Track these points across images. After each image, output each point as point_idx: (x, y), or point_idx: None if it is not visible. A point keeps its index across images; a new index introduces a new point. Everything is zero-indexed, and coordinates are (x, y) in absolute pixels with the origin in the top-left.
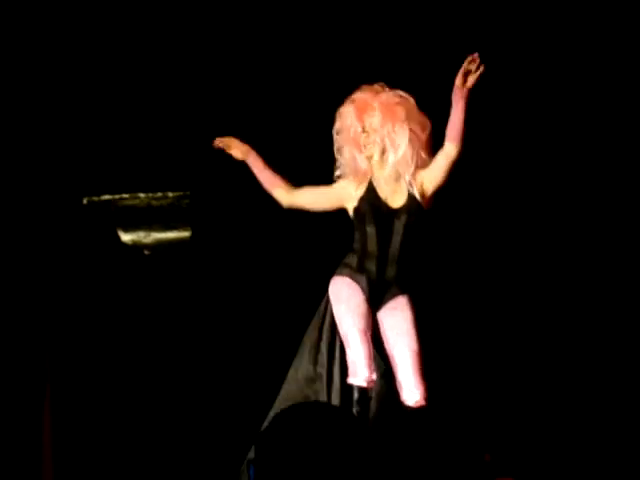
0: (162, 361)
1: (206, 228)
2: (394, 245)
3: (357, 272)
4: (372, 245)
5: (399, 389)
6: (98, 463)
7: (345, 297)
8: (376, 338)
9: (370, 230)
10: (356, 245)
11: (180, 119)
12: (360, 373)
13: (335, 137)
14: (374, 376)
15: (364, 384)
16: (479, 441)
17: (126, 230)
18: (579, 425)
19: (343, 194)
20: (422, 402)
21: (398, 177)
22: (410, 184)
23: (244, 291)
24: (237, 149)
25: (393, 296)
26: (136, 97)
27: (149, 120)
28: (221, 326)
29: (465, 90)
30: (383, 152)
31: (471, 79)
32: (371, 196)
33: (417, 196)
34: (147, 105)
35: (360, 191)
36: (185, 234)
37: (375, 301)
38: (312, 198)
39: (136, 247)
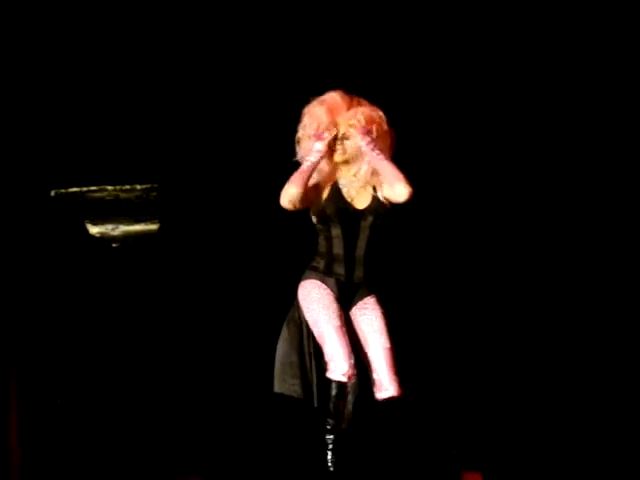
0: (129, 351)
1: (174, 220)
2: (361, 246)
3: (325, 275)
4: (339, 247)
5: (373, 386)
6: (65, 447)
7: (316, 297)
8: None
9: (336, 232)
10: (321, 249)
11: (147, 112)
12: (339, 368)
13: (301, 135)
14: (353, 371)
15: (344, 379)
16: (447, 435)
17: (94, 222)
18: (545, 418)
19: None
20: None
21: (364, 184)
22: (375, 189)
23: (212, 283)
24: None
25: (362, 297)
26: (104, 90)
27: (117, 113)
28: (189, 317)
29: (367, 144)
30: (354, 160)
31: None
32: (336, 198)
33: (381, 198)
34: (115, 98)
35: (325, 192)
36: (153, 226)
37: (345, 302)
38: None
39: (104, 239)
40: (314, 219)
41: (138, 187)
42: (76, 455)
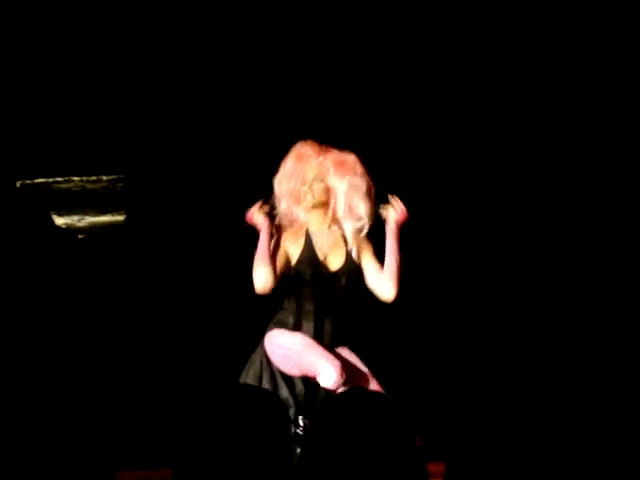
0: (96, 342)
1: (141, 212)
2: (332, 304)
3: (294, 330)
4: (309, 305)
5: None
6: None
7: (288, 336)
8: None
9: (307, 291)
10: (289, 304)
11: (114, 103)
12: (328, 378)
13: (275, 187)
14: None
15: (333, 386)
16: (410, 425)
17: (60, 214)
18: (511, 407)
19: (286, 248)
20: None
21: (338, 236)
22: (351, 249)
23: (178, 275)
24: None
25: (332, 348)
26: (71, 80)
27: (83, 103)
28: (155, 310)
29: (395, 225)
30: (326, 205)
31: (398, 211)
32: (310, 257)
33: (354, 256)
34: (81, 88)
35: (297, 247)
36: (119, 218)
37: None
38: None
39: (70, 231)
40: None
41: (104, 178)
42: (41, 440)
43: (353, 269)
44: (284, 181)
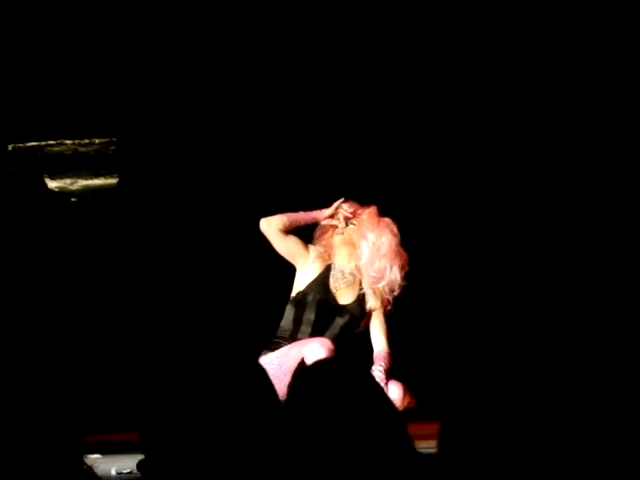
0: (87, 307)
1: (133, 174)
2: (329, 335)
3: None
4: (307, 329)
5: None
6: None
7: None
8: None
9: (308, 317)
10: (287, 324)
11: (105, 65)
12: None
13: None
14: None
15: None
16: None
17: (53, 177)
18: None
19: (313, 255)
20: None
21: (356, 279)
22: (363, 295)
23: (172, 237)
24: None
25: None
26: (61, 43)
27: (74, 66)
28: (148, 272)
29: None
30: (352, 245)
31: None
32: (322, 284)
33: (366, 305)
34: (72, 51)
35: (315, 270)
36: (112, 181)
37: None
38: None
39: (63, 194)
40: (293, 293)
41: (97, 141)
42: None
43: (358, 312)
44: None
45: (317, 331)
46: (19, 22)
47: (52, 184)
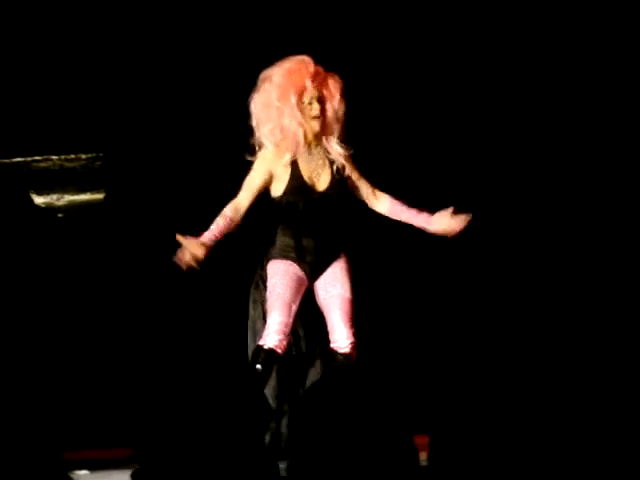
0: (75, 321)
1: (119, 189)
2: (326, 222)
3: (298, 261)
4: (305, 228)
5: (330, 337)
6: None
7: (281, 272)
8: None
9: (301, 216)
10: (286, 230)
11: (91, 81)
12: (270, 339)
13: (258, 104)
14: (284, 342)
15: (272, 346)
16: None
17: (39, 192)
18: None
19: (271, 166)
20: (351, 351)
21: (323, 158)
22: (337, 169)
23: (157, 252)
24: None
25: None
26: (48, 59)
27: (60, 82)
28: (133, 288)
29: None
30: (319, 123)
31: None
32: (299, 184)
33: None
34: (59, 67)
35: (283, 175)
36: (99, 196)
37: (315, 274)
38: (252, 197)
39: (49, 210)
40: (273, 195)
41: (83, 156)
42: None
43: (338, 184)
44: (276, 95)
45: (316, 225)
46: (5, 39)
47: (38, 200)
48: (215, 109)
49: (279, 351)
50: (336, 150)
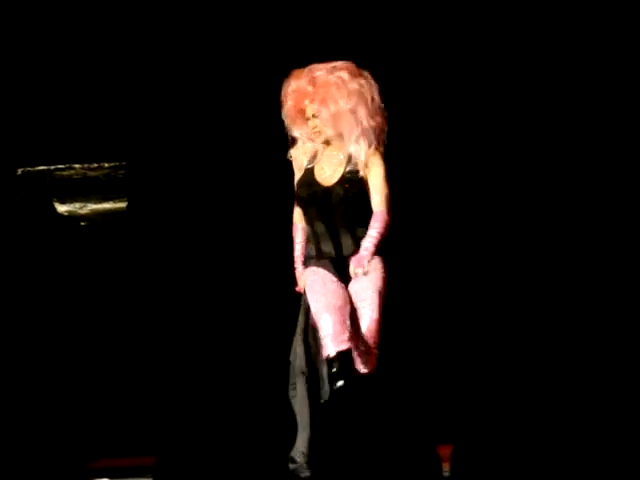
0: (97, 330)
1: (142, 198)
2: (339, 217)
3: (318, 258)
4: (318, 225)
5: (355, 358)
6: None
7: (311, 282)
8: None
9: (312, 212)
10: (308, 232)
11: (115, 90)
12: (332, 345)
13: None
14: (345, 340)
15: (343, 348)
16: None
17: (62, 201)
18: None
19: (299, 163)
20: (371, 371)
21: (339, 158)
22: (352, 166)
23: (181, 260)
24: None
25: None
26: (71, 67)
27: (84, 91)
28: (157, 296)
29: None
30: (333, 133)
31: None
32: (307, 179)
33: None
34: (83, 75)
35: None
36: (121, 205)
37: (345, 275)
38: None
39: (72, 218)
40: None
41: (106, 165)
42: (25, 428)
43: (347, 181)
44: (288, 119)
45: (328, 220)
46: (28, 48)
47: (61, 208)
48: (239, 119)
49: (344, 348)
50: (355, 148)
